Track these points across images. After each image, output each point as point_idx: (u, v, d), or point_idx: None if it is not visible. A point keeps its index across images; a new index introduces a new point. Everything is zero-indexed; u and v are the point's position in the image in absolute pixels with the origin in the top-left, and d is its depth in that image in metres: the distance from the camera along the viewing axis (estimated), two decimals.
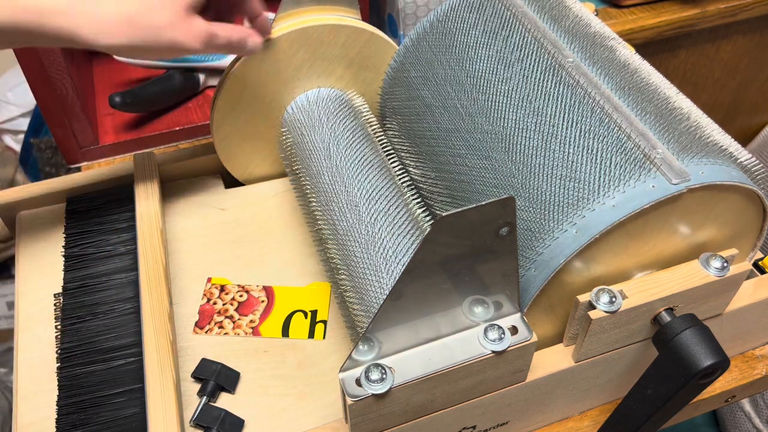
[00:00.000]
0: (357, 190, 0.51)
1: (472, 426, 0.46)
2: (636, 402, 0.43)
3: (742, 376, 0.53)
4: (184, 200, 0.64)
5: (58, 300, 0.56)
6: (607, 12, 0.95)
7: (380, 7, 0.93)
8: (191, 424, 0.48)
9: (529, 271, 0.41)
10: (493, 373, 0.42)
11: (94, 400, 0.48)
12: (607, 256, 0.41)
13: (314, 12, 0.58)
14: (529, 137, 0.45)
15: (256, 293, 0.57)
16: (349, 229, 0.49)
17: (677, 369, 0.40)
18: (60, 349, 0.51)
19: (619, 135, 0.42)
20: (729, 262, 0.43)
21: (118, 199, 0.61)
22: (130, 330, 0.52)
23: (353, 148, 0.55)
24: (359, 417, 0.40)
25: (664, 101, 0.45)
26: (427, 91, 0.54)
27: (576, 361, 0.44)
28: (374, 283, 0.46)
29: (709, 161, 0.41)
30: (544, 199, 0.42)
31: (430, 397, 0.41)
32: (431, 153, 0.53)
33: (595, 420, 0.50)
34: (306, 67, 0.59)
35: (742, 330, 0.51)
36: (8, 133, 1.34)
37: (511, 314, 0.41)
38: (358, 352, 0.39)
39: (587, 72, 0.46)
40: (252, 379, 0.51)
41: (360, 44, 0.60)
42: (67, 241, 0.58)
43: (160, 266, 0.53)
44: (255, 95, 0.60)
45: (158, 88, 0.77)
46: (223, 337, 0.54)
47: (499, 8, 0.52)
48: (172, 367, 0.47)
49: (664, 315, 0.43)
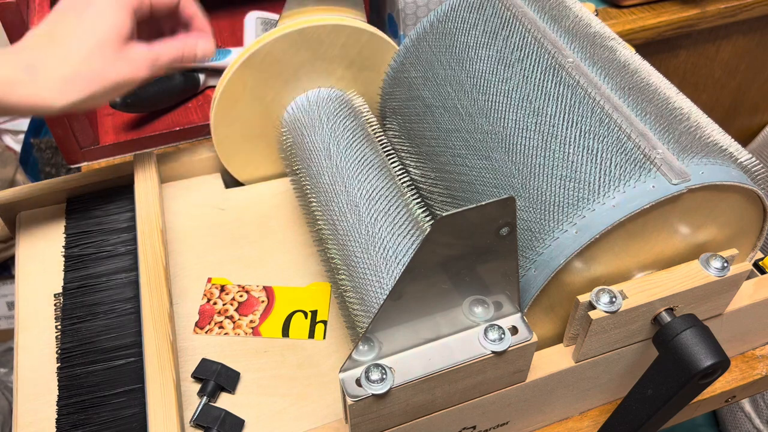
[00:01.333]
0: (357, 190, 0.51)
1: (472, 426, 0.46)
2: (636, 402, 0.43)
3: (742, 376, 0.53)
4: (184, 200, 0.64)
5: (58, 300, 0.56)
6: (607, 12, 0.95)
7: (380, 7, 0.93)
8: (191, 424, 0.48)
9: (529, 271, 0.41)
10: (493, 373, 0.42)
11: (94, 400, 0.48)
12: (607, 256, 0.41)
13: (317, 12, 0.58)
14: (529, 137, 0.45)
15: (256, 293, 0.57)
16: (350, 229, 0.49)
17: (677, 369, 0.40)
18: (60, 349, 0.51)
19: (619, 135, 0.42)
20: (729, 262, 0.43)
21: (118, 199, 0.61)
22: (130, 330, 0.52)
23: (353, 149, 0.55)
24: (359, 417, 0.40)
25: (664, 101, 0.45)
26: (427, 92, 0.54)
27: (576, 362, 0.44)
28: (374, 283, 0.46)
29: (709, 161, 0.41)
30: (544, 199, 0.42)
31: (430, 397, 0.41)
32: (431, 153, 0.53)
33: (595, 420, 0.50)
34: (306, 67, 0.59)
35: (742, 330, 0.51)
36: (8, 133, 1.34)
37: (512, 314, 0.41)
38: (358, 352, 0.39)
39: (587, 72, 0.46)
40: (252, 379, 0.51)
41: (360, 44, 0.60)
42: (67, 241, 0.58)
43: (160, 266, 0.53)
44: (255, 95, 0.60)
45: (158, 88, 0.77)
46: (223, 337, 0.54)
47: (499, 8, 0.52)
48: (172, 367, 0.47)
49: (665, 315, 0.43)
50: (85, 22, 0.50)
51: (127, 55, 0.51)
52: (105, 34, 0.49)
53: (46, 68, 0.48)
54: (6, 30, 0.65)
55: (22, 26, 0.64)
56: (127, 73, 0.51)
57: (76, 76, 0.49)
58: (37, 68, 0.48)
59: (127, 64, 0.51)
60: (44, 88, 0.48)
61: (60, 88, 0.48)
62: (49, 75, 0.48)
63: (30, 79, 0.48)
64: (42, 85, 0.48)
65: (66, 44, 0.49)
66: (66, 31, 0.49)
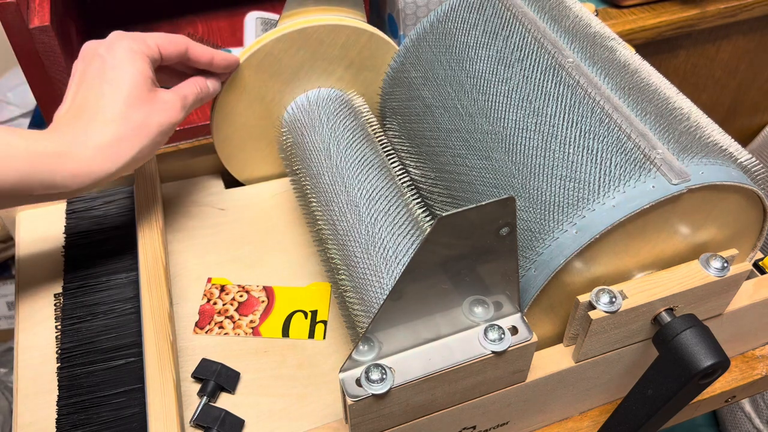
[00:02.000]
0: (357, 190, 0.51)
1: (472, 426, 0.46)
2: (636, 402, 0.43)
3: (743, 376, 0.53)
4: (184, 200, 0.64)
5: (58, 300, 0.56)
6: (607, 12, 0.95)
7: (380, 7, 0.93)
8: (191, 424, 0.48)
9: (529, 271, 0.41)
10: (493, 373, 0.42)
11: (95, 400, 0.48)
12: (607, 256, 0.41)
13: (317, 12, 0.58)
14: (529, 137, 0.45)
15: (256, 293, 0.57)
16: (349, 229, 0.49)
17: (677, 369, 0.40)
18: (60, 349, 0.51)
19: (619, 135, 0.42)
20: (729, 262, 0.43)
21: (117, 199, 0.61)
22: (130, 330, 0.52)
23: (353, 149, 0.55)
24: (359, 417, 0.40)
25: (664, 101, 0.45)
26: (427, 92, 0.54)
27: (576, 362, 0.44)
28: (374, 283, 0.46)
29: (709, 161, 0.41)
30: (544, 199, 0.42)
31: (430, 398, 0.41)
32: (431, 153, 0.53)
33: (595, 420, 0.50)
34: (306, 67, 0.59)
35: (742, 330, 0.51)
36: None
37: (512, 314, 0.41)
38: (358, 352, 0.39)
39: (587, 72, 0.46)
40: (252, 379, 0.51)
41: (360, 44, 0.60)
42: (67, 241, 0.58)
43: (160, 266, 0.53)
44: (255, 95, 0.60)
45: None
46: (223, 337, 0.54)
47: (499, 8, 0.52)
48: (172, 367, 0.47)
49: (665, 315, 0.43)
50: (109, 82, 0.48)
51: (159, 101, 0.50)
52: (132, 87, 0.48)
53: (87, 139, 0.46)
54: (6, 30, 0.65)
55: (22, 26, 0.64)
56: (166, 118, 0.49)
57: (122, 138, 0.47)
58: (79, 142, 0.46)
59: (163, 110, 0.49)
60: (93, 158, 0.46)
61: (108, 154, 0.47)
62: (93, 145, 0.46)
63: (76, 152, 0.46)
64: (91, 155, 0.46)
65: (99, 110, 0.47)
66: (93, 98, 0.48)
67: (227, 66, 0.56)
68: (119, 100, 0.48)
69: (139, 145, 0.48)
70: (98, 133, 0.47)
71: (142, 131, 0.48)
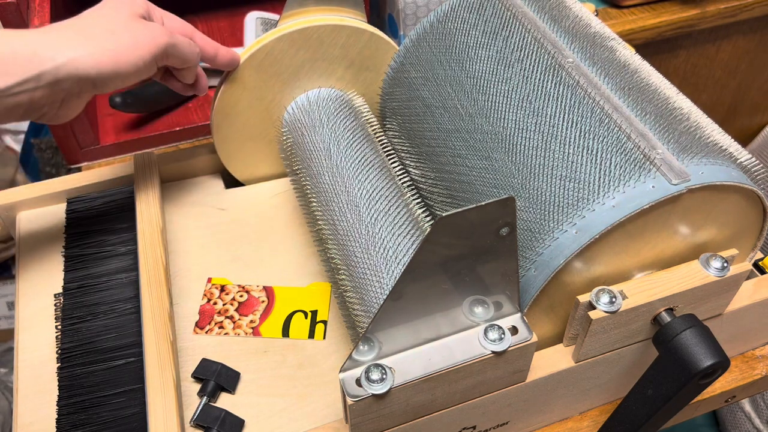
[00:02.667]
0: (357, 190, 0.51)
1: (472, 426, 0.46)
2: (636, 402, 0.43)
3: (742, 376, 0.53)
4: (184, 200, 0.64)
5: (59, 300, 0.56)
6: (607, 12, 0.95)
7: (380, 7, 0.93)
8: (191, 424, 0.48)
9: (529, 271, 0.41)
10: (493, 373, 0.42)
11: (95, 400, 0.48)
12: (607, 256, 0.41)
13: (318, 12, 0.58)
14: (529, 137, 0.45)
15: (257, 293, 0.57)
16: (350, 229, 0.49)
17: (677, 369, 0.40)
18: (60, 349, 0.51)
19: (618, 135, 0.42)
20: (729, 262, 0.43)
21: (118, 199, 0.61)
22: (130, 330, 0.52)
23: (353, 149, 0.55)
24: (359, 417, 0.40)
25: (664, 101, 0.45)
26: (427, 92, 0.54)
27: (576, 362, 0.44)
28: (374, 283, 0.46)
29: (709, 161, 0.41)
30: (544, 199, 0.42)
31: (430, 398, 0.41)
32: (431, 153, 0.53)
33: (595, 420, 0.50)
34: (306, 67, 0.59)
35: (742, 330, 0.51)
36: (8, 133, 1.34)
37: (511, 314, 0.41)
38: (359, 352, 0.39)
39: (587, 72, 0.46)
40: (252, 379, 0.51)
41: (360, 44, 0.60)
42: (67, 241, 0.58)
43: (160, 266, 0.53)
44: (255, 95, 0.60)
45: (158, 88, 0.77)
46: (223, 337, 0.54)
47: (499, 8, 0.52)
48: (172, 367, 0.47)
49: (664, 315, 0.43)
50: (106, 8, 0.49)
51: (150, 24, 0.50)
52: (129, 12, 0.49)
53: (88, 39, 0.47)
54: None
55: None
56: (162, 37, 0.49)
57: (129, 45, 0.48)
58: (88, 36, 0.47)
59: (158, 30, 0.50)
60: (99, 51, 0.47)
61: (115, 58, 0.47)
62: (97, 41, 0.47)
63: (89, 42, 0.46)
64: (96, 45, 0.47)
65: (98, 24, 0.48)
66: (91, 20, 0.48)
67: (230, 62, 0.56)
68: (117, 19, 0.48)
69: (137, 52, 0.48)
70: (104, 38, 0.47)
71: (148, 43, 0.49)
